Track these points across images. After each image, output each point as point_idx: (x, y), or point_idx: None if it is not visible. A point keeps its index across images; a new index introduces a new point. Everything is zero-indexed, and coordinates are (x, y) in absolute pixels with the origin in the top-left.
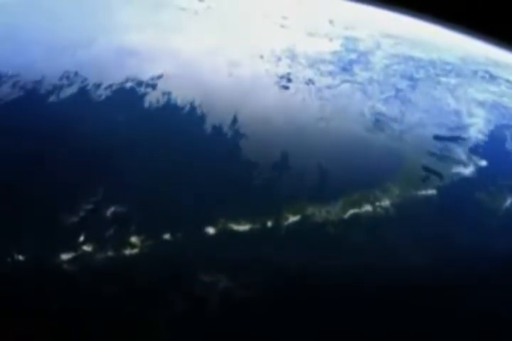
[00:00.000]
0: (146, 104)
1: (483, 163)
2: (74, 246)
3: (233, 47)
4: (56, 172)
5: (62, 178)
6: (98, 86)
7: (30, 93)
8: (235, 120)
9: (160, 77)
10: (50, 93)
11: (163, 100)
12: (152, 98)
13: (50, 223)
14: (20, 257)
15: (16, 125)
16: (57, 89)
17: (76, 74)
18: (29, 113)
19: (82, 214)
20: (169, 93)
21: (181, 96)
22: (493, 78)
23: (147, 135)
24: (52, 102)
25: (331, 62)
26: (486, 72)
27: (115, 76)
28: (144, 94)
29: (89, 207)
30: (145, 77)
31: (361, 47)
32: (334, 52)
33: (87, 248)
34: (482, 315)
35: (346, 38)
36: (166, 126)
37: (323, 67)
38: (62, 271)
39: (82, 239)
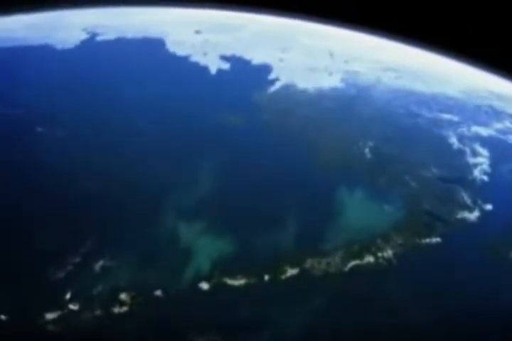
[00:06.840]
0: (134, 153)
1: (489, 207)
2: (59, 305)
3: (231, 81)
4: (42, 223)
5: (48, 229)
6: (86, 132)
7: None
8: (227, 162)
9: (154, 121)
10: (35, 140)
11: (150, 148)
12: (141, 145)
13: (34, 279)
14: (2, 317)
15: (2, 176)
16: (43, 134)
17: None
18: (15, 162)
19: (69, 268)
20: (159, 137)
21: (171, 139)
22: (496, 113)
23: (137, 186)
24: (38, 151)
25: (330, 99)
26: (490, 106)
27: (106, 120)
28: (133, 141)
29: (77, 260)
30: (139, 121)
31: (361, 81)
32: (334, 88)
33: (73, 306)
34: None
35: (346, 72)
36: (154, 177)
37: (323, 103)
38: (46, 333)
39: (68, 296)
